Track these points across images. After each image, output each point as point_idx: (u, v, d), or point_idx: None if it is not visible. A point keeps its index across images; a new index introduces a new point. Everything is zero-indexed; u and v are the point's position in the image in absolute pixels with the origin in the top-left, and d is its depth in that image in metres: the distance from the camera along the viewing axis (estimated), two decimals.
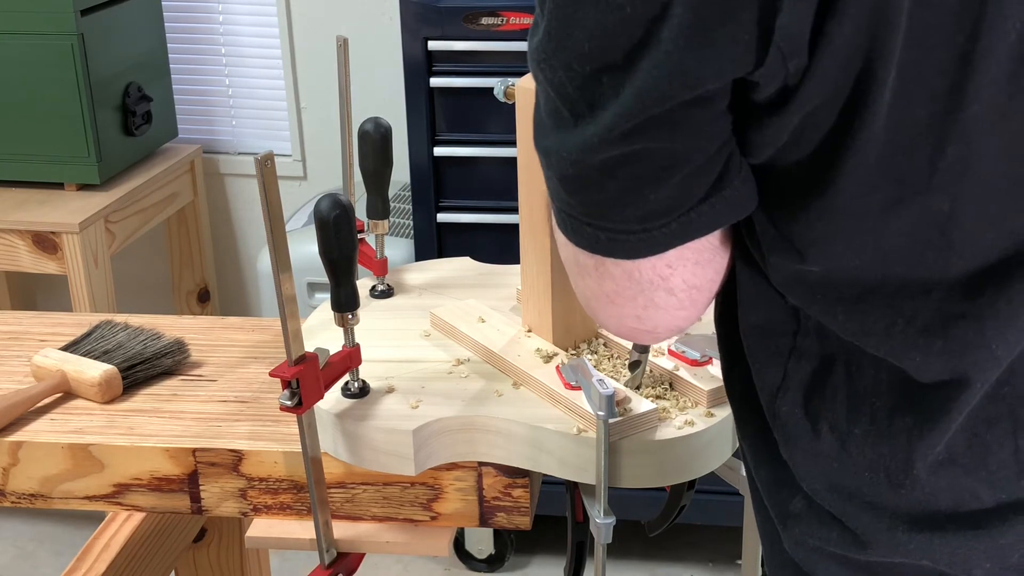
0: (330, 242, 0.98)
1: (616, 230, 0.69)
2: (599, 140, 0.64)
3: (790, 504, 0.76)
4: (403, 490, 1.07)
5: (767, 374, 0.75)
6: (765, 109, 0.64)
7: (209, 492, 1.11)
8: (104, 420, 1.15)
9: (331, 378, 1.01)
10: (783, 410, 0.74)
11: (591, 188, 0.68)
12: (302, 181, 2.77)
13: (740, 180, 0.68)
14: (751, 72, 0.61)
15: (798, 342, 0.73)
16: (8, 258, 2.31)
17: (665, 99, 0.62)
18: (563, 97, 0.66)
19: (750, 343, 0.76)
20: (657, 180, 0.66)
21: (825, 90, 0.61)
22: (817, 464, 0.73)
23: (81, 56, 2.26)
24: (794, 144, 0.65)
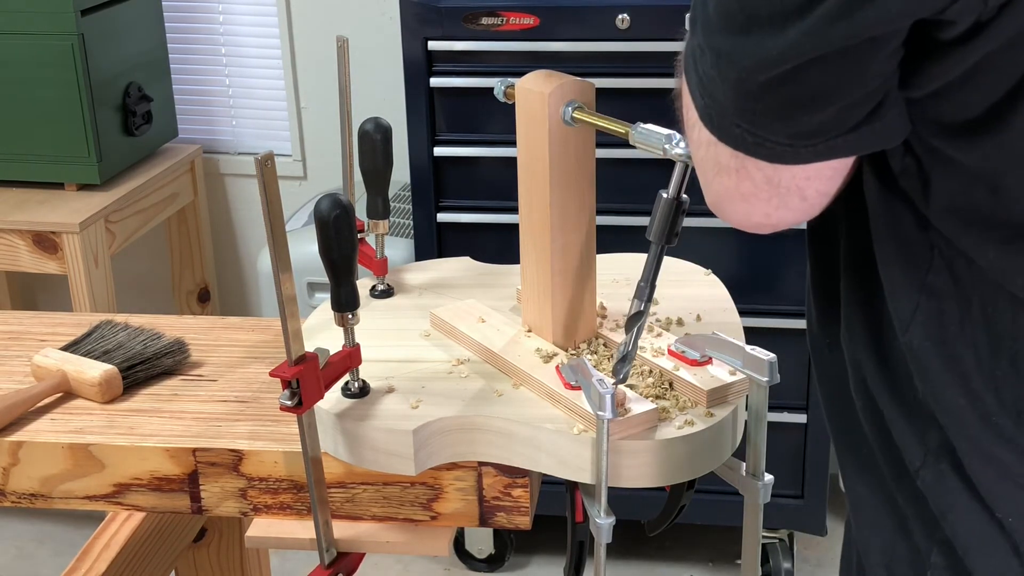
0: (330, 242, 0.98)
1: (764, 137, 0.70)
2: (778, 57, 0.65)
3: (926, 437, 0.77)
4: (403, 490, 1.07)
5: (900, 306, 0.77)
6: (948, 44, 0.64)
7: (209, 492, 1.11)
8: (104, 420, 1.15)
9: (331, 378, 1.01)
10: (915, 343, 0.76)
11: (749, 97, 0.69)
12: (302, 181, 2.77)
13: (894, 113, 0.69)
14: (947, 9, 0.61)
15: (929, 279, 0.74)
16: (8, 258, 2.31)
17: (855, 33, 0.62)
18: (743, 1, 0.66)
19: (886, 272, 0.78)
20: (813, 106, 0.67)
21: (1017, 27, 0.61)
22: (952, 400, 0.75)
23: (81, 56, 2.26)
24: (970, 79, 0.65)
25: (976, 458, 0.75)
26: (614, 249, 1.28)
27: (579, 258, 1.10)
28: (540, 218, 1.07)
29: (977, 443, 0.75)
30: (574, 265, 1.09)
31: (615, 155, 1.83)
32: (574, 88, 1.03)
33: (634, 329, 0.96)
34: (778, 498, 2.17)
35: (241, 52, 2.75)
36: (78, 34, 2.25)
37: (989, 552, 0.76)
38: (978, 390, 0.74)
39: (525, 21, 2.01)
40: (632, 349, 0.97)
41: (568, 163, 1.05)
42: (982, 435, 0.74)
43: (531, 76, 1.05)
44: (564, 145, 1.04)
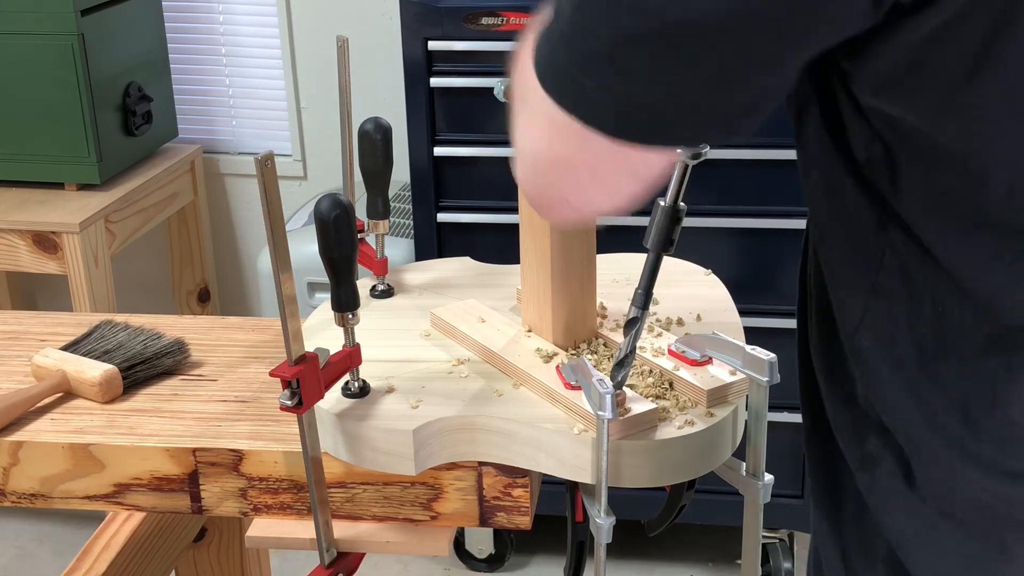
0: (330, 242, 0.98)
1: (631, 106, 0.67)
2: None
3: (865, 445, 0.77)
4: (403, 490, 1.07)
5: (847, 309, 0.77)
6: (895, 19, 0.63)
7: (209, 492, 1.11)
8: (104, 420, 1.15)
9: (331, 378, 1.01)
10: (864, 344, 0.76)
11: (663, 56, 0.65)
12: (302, 181, 2.77)
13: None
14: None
15: (879, 280, 0.74)
16: (8, 258, 2.31)
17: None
18: None
19: (834, 274, 0.77)
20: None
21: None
22: (895, 399, 0.74)
23: (81, 56, 2.26)
24: (933, 51, 0.64)
25: (920, 457, 0.75)
26: (614, 249, 1.28)
27: (579, 258, 1.09)
28: (540, 218, 1.07)
29: (921, 442, 0.75)
30: (574, 265, 1.09)
31: None
32: None
33: (631, 334, 0.97)
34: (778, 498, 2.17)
35: (241, 52, 2.75)
36: (78, 34, 2.25)
37: (929, 547, 0.77)
38: (923, 390, 0.74)
39: (525, 21, 2.01)
40: (629, 354, 0.97)
41: None
42: (928, 434, 0.75)
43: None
44: None
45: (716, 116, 0.68)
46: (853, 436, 0.81)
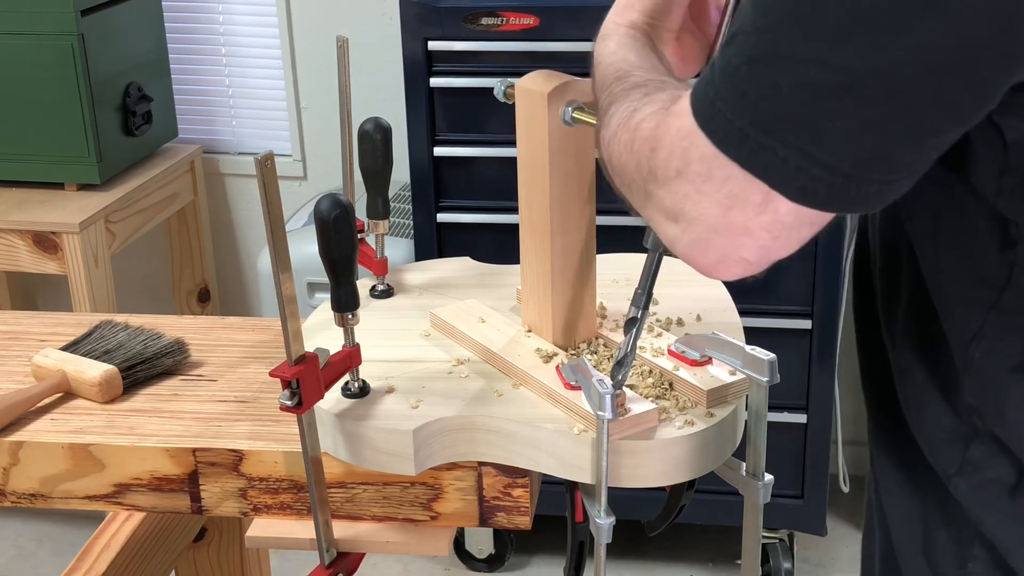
0: (330, 242, 0.98)
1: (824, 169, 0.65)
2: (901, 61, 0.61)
3: (968, 452, 0.78)
4: (403, 490, 1.07)
5: (960, 319, 0.77)
6: None
7: (209, 492, 1.11)
8: (104, 420, 1.15)
9: (331, 378, 1.01)
10: (976, 356, 0.76)
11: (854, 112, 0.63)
12: (302, 181, 2.77)
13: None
14: None
15: (1004, 297, 0.74)
16: (8, 258, 2.31)
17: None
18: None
19: (943, 289, 0.78)
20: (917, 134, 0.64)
21: None
22: (1013, 409, 0.76)
23: (81, 56, 2.26)
24: None
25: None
26: (614, 249, 1.28)
27: (579, 258, 1.09)
28: (540, 218, 1.07)
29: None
30: (574, 265, 1.09)
31: None
32: (574, 88, 1.03)
33: (630, 334, 0.96)
34: (778, 498, 2.17)
35: (241, 52, 2.75)
36: (78, 34, 2.25)
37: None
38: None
39: (525, 21, 2.01)
40: (629, 354, 0.97)
41: (568, 163, 1.05)
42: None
43: (531, 76, 1.05)
44: (564, 145, 1.04)
45: (901, 172, 0.66)
46: (952, 443, 0.80)
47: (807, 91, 0.63)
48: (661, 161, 0.72)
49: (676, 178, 0.71)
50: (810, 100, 0.63)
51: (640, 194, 0.75)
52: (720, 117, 0.67)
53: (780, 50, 0.65)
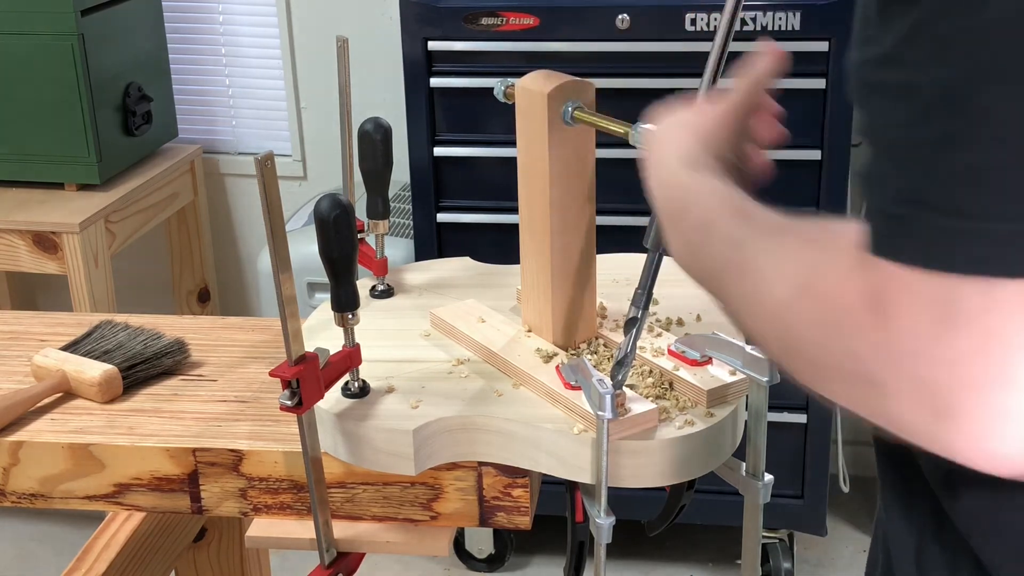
0: (330, 242, 0.98)
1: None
2: None
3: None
4: (403, 490, 1.07)
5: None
6: None
7: (209, 492, 1.11)
8: (104, 420, 1.15)
9: (331, 378, 1.01)
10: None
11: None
12: (302, 181, 2.77)
13: None
14: None
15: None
16: (8, 258, 2.31)
17: None
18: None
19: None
20: None
21: None
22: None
23: (81, 56, 2.26)
24: None
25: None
26: (614, 249, 1.28)
27: (579, 258, 1.10)
28: (540, 218, 1.07)
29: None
30: (574, 265, 1.09)
31: (615, 155, 1.83)
32: (574, 88, 1.03)
33: (630, 334, 0.97)
34: (778, 498, 2.17)
35: (241, 52, 2.75)
36: (78, 34, 2.25)
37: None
38: None
39: (525, 21, 2.01)
40: (629, 354, 0.97)
41: (568, 163, 1.05)
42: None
43: (531, 76, 1.05)
44: (564, 145, 1.04)
45: None
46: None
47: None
48: (904, 330, 0.55)
49: (936, 342, 0.54)
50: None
51: (856, 380, 0.58)
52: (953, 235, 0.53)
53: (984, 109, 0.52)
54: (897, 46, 0.55)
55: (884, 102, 0.56)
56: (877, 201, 0.56)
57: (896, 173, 0.55)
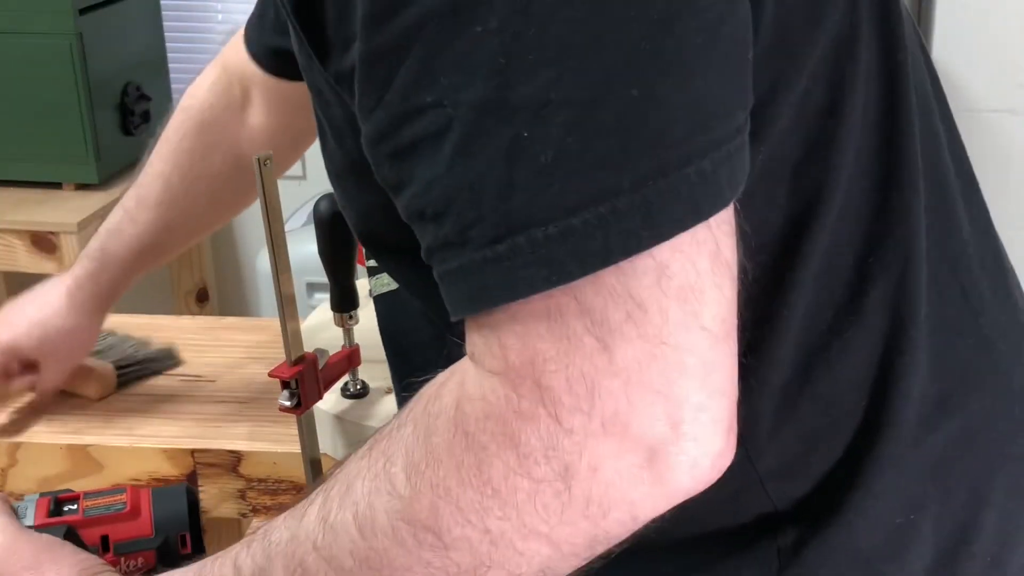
0: (330, 242, 0.98)
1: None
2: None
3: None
4: None
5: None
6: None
7: (208, 493, 1.10)
8: (103, 420, 1.15)
9: (330, 379, 1.01)
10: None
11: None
12: (302, 181, 2.76)
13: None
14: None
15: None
16: (6, 258, 2.31)
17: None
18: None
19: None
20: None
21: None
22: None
23: (79, 55, 2.25)
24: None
25: None
26: None
27: None
28: None
29: None
30: None
31: None
32: None
33: None
34: None
35: None
36: (76, 33, 2.24)
37: None
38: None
39: None
40: None
41: None
42: None
43: None
44: None
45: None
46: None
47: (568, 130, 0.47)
48: (483, 436, 0.50)
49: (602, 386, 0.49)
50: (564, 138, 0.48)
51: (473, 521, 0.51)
52: (524, 261, 0.48)
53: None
54: (406, 98, 0.50)
55: (418, 158, 0.50)
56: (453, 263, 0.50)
57: (461, 217, 0.49)
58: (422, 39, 0.48)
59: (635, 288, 0.48)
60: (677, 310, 0.48)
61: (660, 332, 0.48)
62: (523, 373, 0.49)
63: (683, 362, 0.49)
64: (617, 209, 0.47)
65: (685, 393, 0.49)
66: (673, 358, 0.48)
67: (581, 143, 0.47)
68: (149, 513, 0.78)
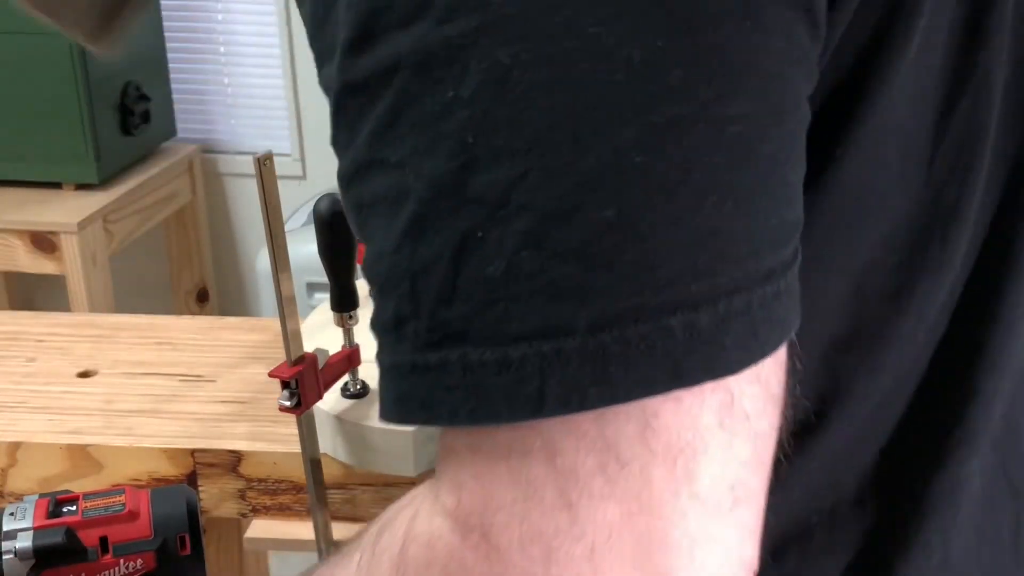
0: (330, 242, 0.98)
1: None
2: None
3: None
4: (403, 491, 1.05)
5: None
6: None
7: (208, 493, 1.10)
8: (102, 420, 1.15)
9: (330, 378, 1.00)
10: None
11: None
12: (302, 181, 2.76)
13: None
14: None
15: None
16: (6, 258, 2.31)
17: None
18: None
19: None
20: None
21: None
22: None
23: (80, 55, 2.25)
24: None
25: None
26: None
27: None
28: None
29: None
30: None
31: None
32: None
33: None
34: None
35: (240, 51, 2.75)
36: None
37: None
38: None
39: None
40: None
41: None
42: None
43: None
44: None
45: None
46: None
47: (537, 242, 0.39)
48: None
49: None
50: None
51: None
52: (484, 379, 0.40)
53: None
54: (371, 148, 0.43)
55: (376, 219, 0.44)
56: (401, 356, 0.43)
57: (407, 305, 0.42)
58: (393, 86, 0.42)
59: (613, 436, 0.39)
60: (663, 472, 0.39)
61: (639, 495, 0.39)
62: (472, 521, 0.41)
63: (666, 535, 0.39)
64: (564, 352, 0.39)
65: (668, 570, 0.40)
66: (655, 528, 0.39)
67: (534, 262, 0.39)
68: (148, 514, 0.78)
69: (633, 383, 0.39)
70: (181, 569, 0.74)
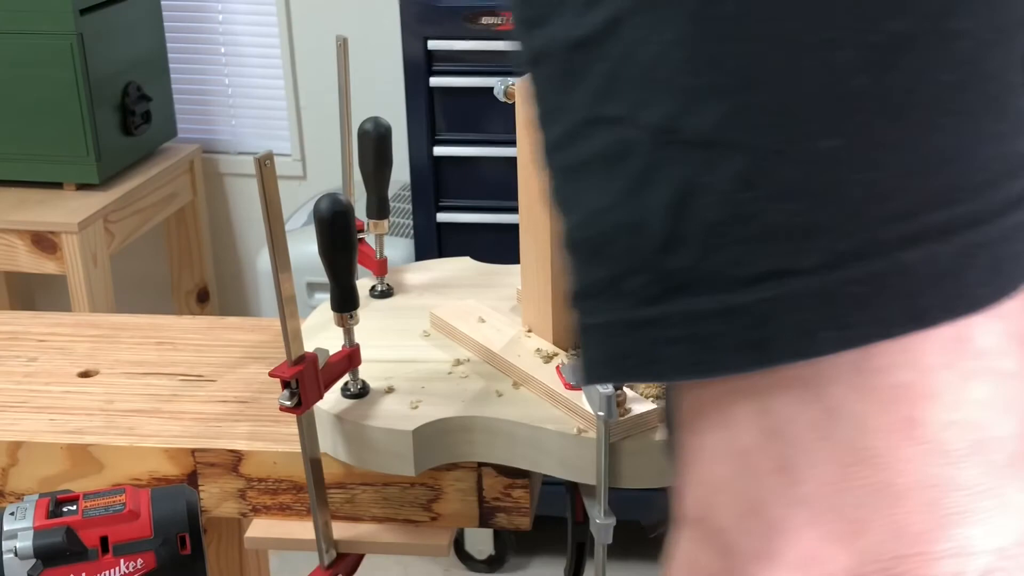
0: (330, 242, 0.98)
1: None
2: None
3: None
4: (403, 490, 1.06)
5: None
6: None
7: (208, 492, 1.10)
8: (103, 420, 1.15)
9: (331, 378, 1.01)
10: None
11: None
12: (302, 181, 2.77)
13: None
14: None
15: None
16: (7, 258, 2.31)
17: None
18: None
19: None
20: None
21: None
22: None
23: (80, 55, 2.26)
24: None
25: None
26: None
27: None
28: (540, 217, 1.07)
29: None
30: None
31: None
32: None
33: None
34: None
35: (241, 52, 2.75)
36: (77, 33, 2.25)
37: None
38: None
39: None
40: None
41: None
42: None
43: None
44: None
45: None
46: None
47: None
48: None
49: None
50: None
51: None
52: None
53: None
54: (589, 106, 0.41)
55: (586, 180, 0.42)
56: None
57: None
58: (613, 40, 0.40)
59: (828, 384, 0.37)
60: (885, 420, 0.37)
61: (856, 446, 0.37)
62: (698, 514, 0.40)
63: (890, 484, 0.37)
64: (791, 295, 0.36)
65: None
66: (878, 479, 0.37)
67: (756, 203, 0.37)
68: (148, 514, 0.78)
69: (867, 326, 0.36)
70: (181, 569, 0.74)
